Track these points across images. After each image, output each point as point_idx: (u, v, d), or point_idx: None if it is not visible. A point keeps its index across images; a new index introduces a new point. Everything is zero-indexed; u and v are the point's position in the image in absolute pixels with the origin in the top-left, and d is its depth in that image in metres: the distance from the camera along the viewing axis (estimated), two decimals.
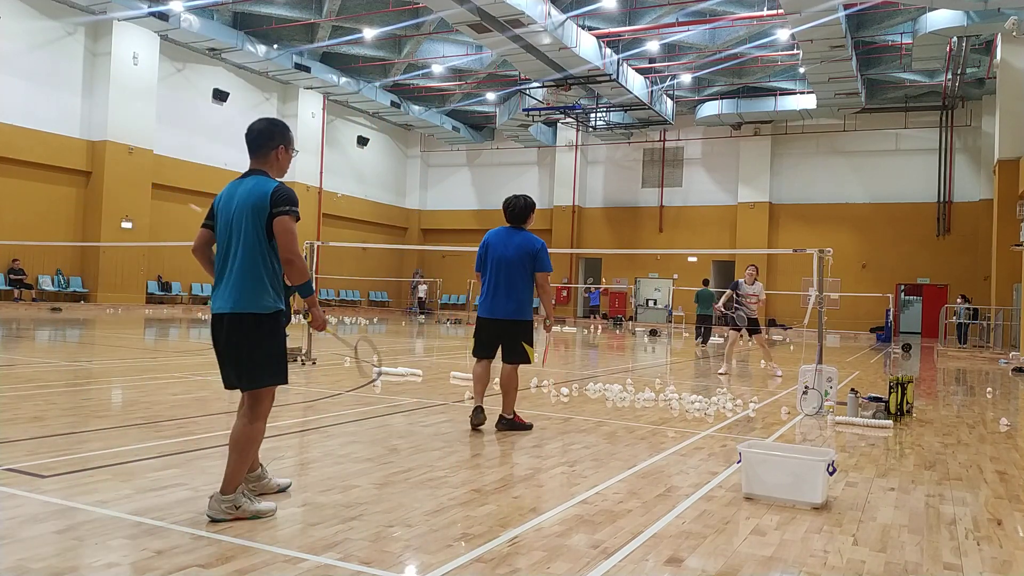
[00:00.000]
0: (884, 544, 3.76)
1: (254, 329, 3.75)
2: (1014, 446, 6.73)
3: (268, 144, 3.92)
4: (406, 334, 21.24)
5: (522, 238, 6.33)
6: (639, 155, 38.92)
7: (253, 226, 3.73)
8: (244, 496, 3.73)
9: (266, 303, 3.76)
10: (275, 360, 3.82)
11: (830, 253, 8.42)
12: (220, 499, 3.69)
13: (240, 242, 3.76)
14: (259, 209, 3.72)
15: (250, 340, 3.76)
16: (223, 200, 3.88)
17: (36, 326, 17.28)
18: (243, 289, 3.74)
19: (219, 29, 28.46)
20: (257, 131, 3.94)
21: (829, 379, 8.23)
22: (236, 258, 3.76)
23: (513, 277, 6.24)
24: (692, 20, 27.01)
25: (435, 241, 41.97)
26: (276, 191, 3.74)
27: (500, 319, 6.31)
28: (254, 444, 3.85)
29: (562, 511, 4.09)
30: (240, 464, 3.76)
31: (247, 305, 3.73)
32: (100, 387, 8.35)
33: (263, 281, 3.76)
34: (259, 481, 4.11)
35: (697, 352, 18.42)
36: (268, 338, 3.79)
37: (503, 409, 6.41)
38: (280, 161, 3.97)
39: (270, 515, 3.75)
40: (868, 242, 33.89)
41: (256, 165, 3.94)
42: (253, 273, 3.74)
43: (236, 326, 3.75)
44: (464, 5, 22.36)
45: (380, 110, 38.26)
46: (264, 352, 3.78)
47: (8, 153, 24.50)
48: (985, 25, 22.44)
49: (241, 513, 3.69)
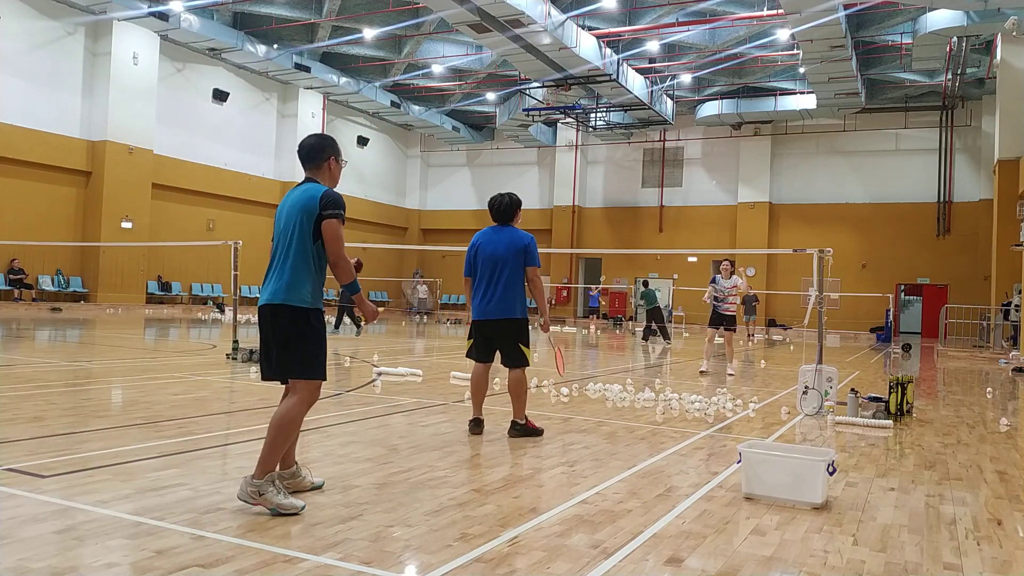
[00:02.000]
0: (884, 544, 3.76)
1: (292, 322, 3.97)
2: (1014, 446, 6.73)
3: (320, 157, 4.22)
4: (406, 334, 21.24)
5: (510, 234, 6.22)
6: (639, 155, 38.92)
7: (302, 226, 3.99)
8: (273, 486, 3.79)
9: (304, 298, 3.98)
10: (310, 354, 4.00)
11: (830, 253, 8.42)
12: (249, 481, 3.80)
13: (291, 240, 4.02)
14: (309, 211, 3.99)
15: (287, 332, 3.97)
16: (281, 206, 4.20)
17: (36, 326, 17.28)
18: (285, 283, 3.98)
19: (219, 29, 28.47)
20: (309, 146, 4.25)
21: (829, 379, 8.23)
22: (286, 255, 4.02)
23: (504, 275, 6.12)
24: (692, 20, 27.01)
25: (435, 241, 41.98)
26: (325, 195, 4.01)
27: (494, 319, 6.18)
28: (286, 432, 3.93)
29: (562, 511, 4.09)
30: (271, 448, 3.88)
31: (286, 298, 3.96)
32: (100, 387, 8.35)
33: (304, 278, 3.99)
34: (293, 479, 4.20)
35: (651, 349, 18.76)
36: (305, 332, 3.98)
37: (514, 414, 6.23)
38: (332, 171, 4.27)
39: (293, 512, 3.78)
40: (868, 242, 33.89)
41: (310, 175, 4.23)
42: (296, 269, 3.99)
43: (276, 317, 3.99)
44: (464, 5, 22.36)
45: (380, 110, 38.27)
46: (300, 345, 3.97)
47: (8, 153, 24.51)
48: (985, 25, 22.44)
49: (264, 501, 3.75)
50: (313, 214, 3.97)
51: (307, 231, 3.98)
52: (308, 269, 4.00)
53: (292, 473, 4.21)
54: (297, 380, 4.00)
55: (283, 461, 4.18)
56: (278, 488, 3.82)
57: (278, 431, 3.92)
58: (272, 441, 3.90)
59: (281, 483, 3.98)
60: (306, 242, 3.99)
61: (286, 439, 3.95)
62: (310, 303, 4.00)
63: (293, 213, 4.03)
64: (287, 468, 4.20)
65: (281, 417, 3.95)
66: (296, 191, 4.15)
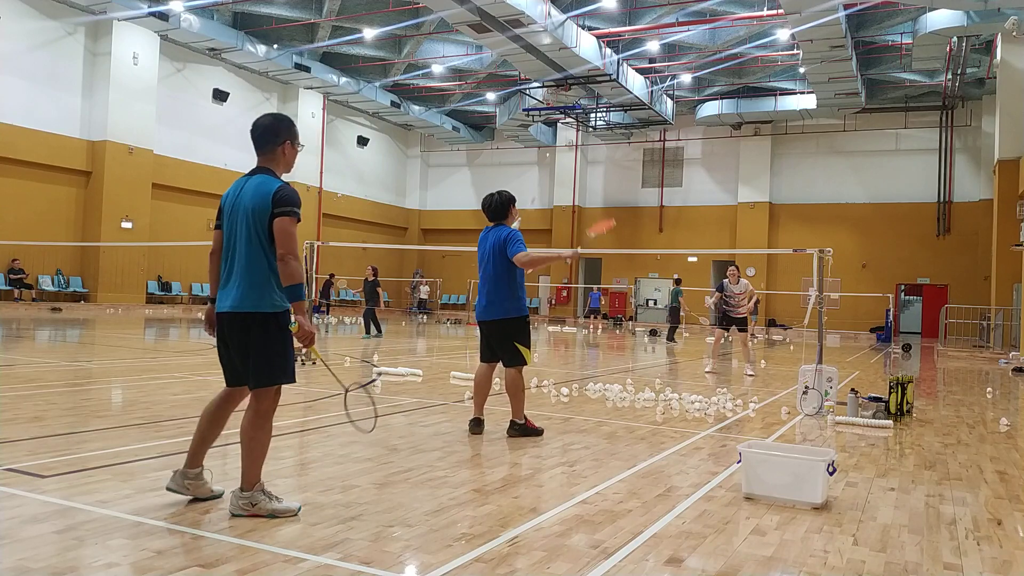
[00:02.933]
0: (884, 544, 3.76)
1: (262, 328, 3.78)
2: (1014, 446, 6.73)
3: (274, 140, 3.92)
4: (406, 334, 21.24)
5: (496, 232, 6.18)
6: (639, 155, 38.92)
7: (255, 226, 3.75)
8: (263, 494, 3.74)
9: (274, 302, 3.79)
10: (284, 358, 3.84)
11: (830, 253, 8.42)
12: (239, 495, 3.74)
13: (244, 241, 3.78)
14: (261, 210, 3.74)
15: (258, 339, 3.78)
16: (229, 197, 3.91)
17: (36, 326, 17.28)
18: (249, 288, 3.76)
19: (219, 29, 28.47)
20: (263, 127, 3.93)
21: (829, 379, 8.23)
22: (240, 257, 3.78)
23: (493, 274, 6.09)
24: (692, 20, 27.01)
25: (435, 241, 41.98)
26: (278, 191, 3.74)
27: (489, 320, 6.17)
28: (261, 439, 3.82)
29: (562, 511, 4.09)
30: (251, 458, 3.78)
31: (254, 304, 3.76)
32: (100, 387, 8.35)
33: (269, 280, 3.78)
34: (196, 480, 3.96)
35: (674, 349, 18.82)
36: (275, 337, 3.80)
37: (513, 414, 6.21)
38: (287, 156, 3.97)
39: (290, 515, 3.74)
40: (868, 242, 33.89)
41: (263, 162, 3.94)
42: (258, 272, 3.77)
43: (243, 325, 3.78)
44: (464, 5, 22.36)
45: (380, 110, 38.27)
46: (271, 351, 3.80)
47: (8, 153, 24.50)
48: (985, 25, 22.44)
49: (258, 511, 3.70)
50: (265, 214, 3.72)
51: (263, 233, 3.74)
52: (269, 271, 3.77)
53: (197, 474, 3.97)
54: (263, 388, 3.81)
55: (192, 458, 3.95)
56: (269, 495, 3.76)
57: (253, 442, 3.77)
58: (249, 453, 3.77)
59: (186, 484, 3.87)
60: (262, 243, 3.75)
61: (262, 445, 3.82)
62: (277, 307, 3.79)
63: (244, 214, 3.77)
64: (193, 467, 3.94)
65: (251, 427, 3.78)
66: (247, 185, 3.83)
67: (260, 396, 3.83)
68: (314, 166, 35.94)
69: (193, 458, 3.97)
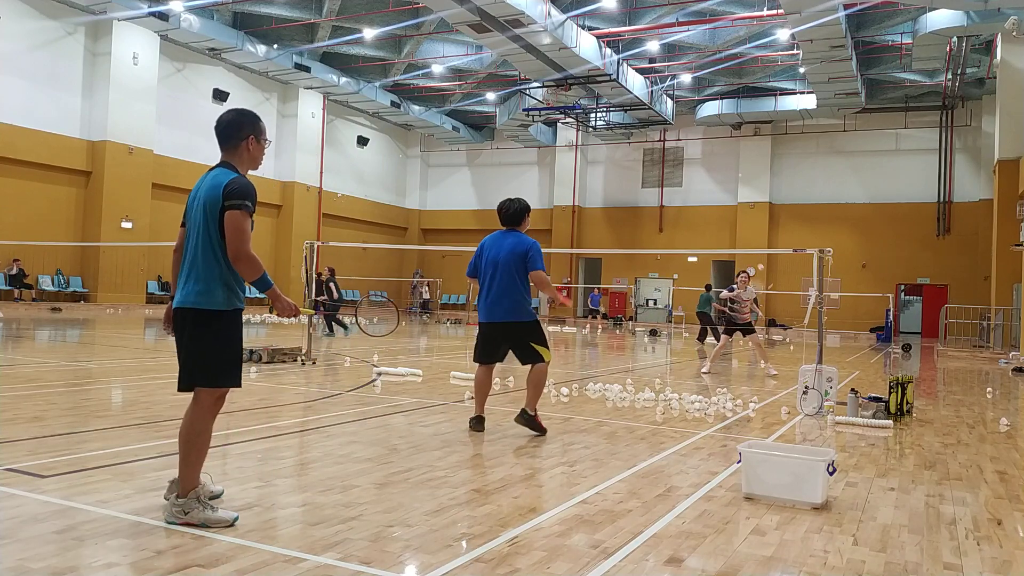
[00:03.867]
0: (884, 544, 3.76)
1: (202, 326, 3.63)
2: (1014, 446, 6.73)
3: (236, 135, 3.80)
4: (407, 334, 21.24)
5: (513, 239, 6.29)
6: (639, 155, 38.93)
7: (206, 220, 3.62)
8: (198, 502, 3.57)
9: (216, 299, 3.64)
10: (220, 361, 3.68)
11: (830, 253, 8.42)
12: (173, 502, 3.58)
13: (197, 236, 3.67)
14: (212, 203, 3.60)
15: (196, 337, 3.64)
16: (191, 194, 3.81)
17: (36, 326, 17.28)
18: (195, 284, 3.63)
19: (219, 29, 28.47)
20: (226, 122, 3.82)
21: (829, 379, 8.23)
22: (194, 252, 3.67)
23: (505, 278, 6.18)
24: (692, 20, 27.02)
25: (435, 241, 42.00)
26: (229, 184, 3.61)
27: (498, 322, 6.26)
28: (197, 444, 3.65)
29: (562, 511, 4.09)
30: (187, 463, 3.62)
31: (197, 301, 3.62)
32: (100, 387, 8.35)
33: (216, 278, 3.64)
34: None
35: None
36: (215, 337, 3.65)
37: (526, 403, 6.30)
38: (251, 152, 3.84)
39: (223, 526, 3.53)
40: (868, 242, 33.90)
41: (226, 158, 3.82)
42: (206, 268, 3.63)
43: (186, 321, 3.66)
44: (464, 5, 22.37)
45: (380, 110, 38.27)
46: (208, 350, 3.65)
47: (8, 153, 24.50)
48: (985, 25, 22.45)
49: (190, 519, 3.53)
50: (217, 206, 3.57)
51: (212, 226, 3.59)
52: (219, 267, 3.62)
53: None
54: (203, 388, 3.67)
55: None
56: (203, 503, 3.58)
57: (188, 445, 3.62)
58: (186, 456, 3.62)
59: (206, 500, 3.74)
60: (212, 238, 3.60)
61: (200, 451, 3.66)
62: (224, 305, 3.65)
63: (199, 208, 3.64)
64: None
65: (189, 429, 3.64)
66: (205, 179, 3.73)
67: (199, 396, 3.68)
68: (314, 166, 35.94)
69: None
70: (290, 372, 10.17)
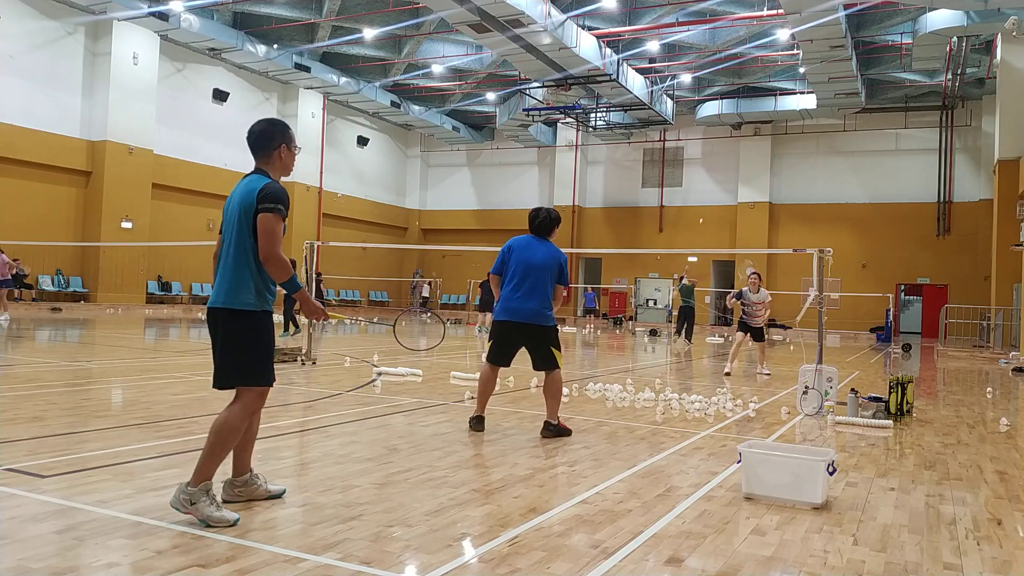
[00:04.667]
0: (884, 544, 3.76)
1: (230, 325, 3.76)
2: (1014, 446, 6.73)
3: (269, 145, 3.95)
4: (407, 334, 21.23)
5: (549, 248, 6.48)
6: (639, 155, 38.93)
7: (240, 224, 3.76)
8: (207, 496, 3.60)
9: (245, 300, 3.75)
10: (248, 360, 3.78)
11: (830, 253, 8.42)
12: (183, 488, 3.63)
13: (231, 239, 3.81)
14: (246, 207, 3.75)
15: (225, 336, 3.77)
16: (227, 201, 3.95)
17: (36, 326, 17.28)
18: (226, 285, 3.76)
19: (219, 29, 28.47)
20: (258, 133, 3.96)
21: (829, 379, 8.23)
22: (227, 254, 3.81)
23: (538, 281, 6.32)
24: (692, 20, 27.02)
25: (435, 241, 41.99)
26: (263, 188, 3.75)
27: (524, 322, 6.31)
28: (225, 439, 3.72)
29: (562, 511, 4.09)
30: (209, 456, 3.67)
31: (226, 301, 3.75)
32: (100, 387, 8.35)
33: (246, 279, 3.76)
34: (246, 487, 4.00)
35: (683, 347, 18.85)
36: (242, 336, 3.76)
37: (548, 415, 6.35)
38: (283, 160, 4.00)
39: (224, 526, 3.55)
40: (868, 242, 33.90)
41: (259, 165, 3.97)
42: (237, 270, 3.76)
43: (216, 321, 3.79)
44: (464, 5, 22.37)
45: (380, 110, 38.28)
46: (236, 349, 3.77)
47: (8, 153, 24.51)
48: (985, 25, 22.45)
49: (194, 511, 3.56)
50: (251, 210, 3.72)
51: (245, 228, 3.74)
52: (249, 269, 3.75)
53: (245, 481, 4.00)
54: (243, 387, 3.79)
55: (236, 467, 3.99)
56: (211, 499, 3.61)
57: (216, 438, 3.70)
58: (211, 449, 3.68)
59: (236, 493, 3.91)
60: (245, 240, 3.74)
61: (224, 447, 3.72)
62: (254, 305, 3.77)
63: (234, 212, 3.80)
64: (240, 475, 4.00)
65: (221, 424, 3.72)
66: (239, 185, 3.88)
67: (241, 395, 3.80)
68: (314, 166, 35.94)
69: (236, 465, 4.00)
70: (290, 372, 10.16)
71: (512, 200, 40.46)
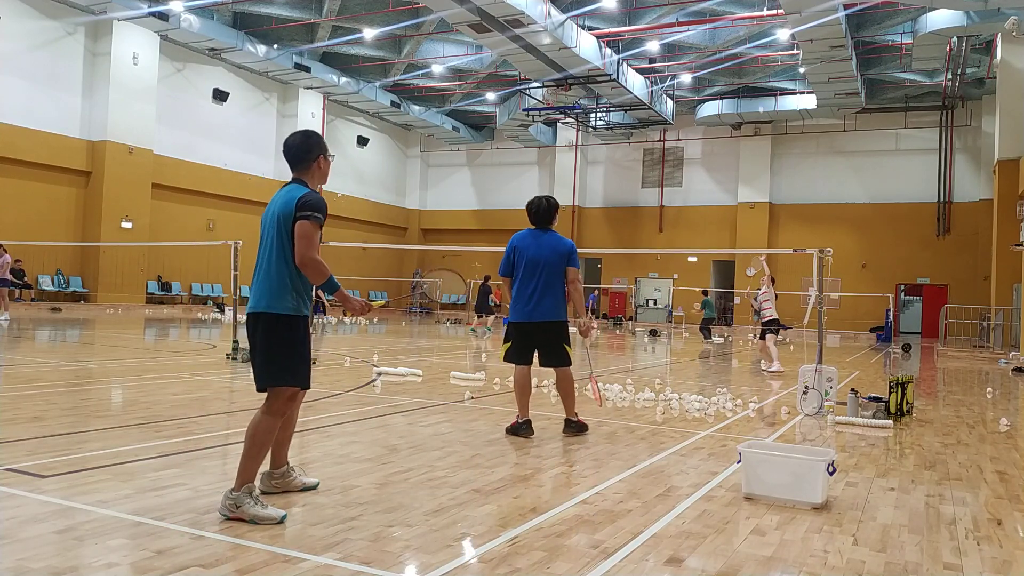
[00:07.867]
0: (884, 544, 3.76)
1: (271, 329, 3.87)
2: (1014, 446, 6.73)
3: (307, 157, 4.08)
4: (406, 334, 21.24)
5: (552, 238, 6.35)
6: (639, 155, 38.94)
7: (279, 231, 3.89)
8: (250, 497, 3.72)
9: (286, 304, 3.88)
10: (285, 362, 3.89)
11: (830, 253, 8.42)
12: (227, 495, 3.74)
13: (269, 245, 3.93)
14: (285, 215, 3.88)
15: (265, 339, 3.88)
16: (266, 210, 4.08)
17: (36, 326, 17.28)
18: (266, 289, 3.89)
19: (219, 29, 28.47)
20: (296, 147, 4.09)
21: (829, 379, 8.23)
22: (268, 260, 3.93)
23: (547, 278, 6.23)
24: (692, 20, 27.02)
25: (435, 241, 41.99)
26: (303, 197, 3.88)
27: (540, 321, 6.24)
28: (260, 441, 3.83)
29: (562, 511, 4.09)
30: (246, 459, 3.79)
31: (267, 305, 3.87)
32: (100, 387, 8.35)
33: (286, 283, 3.88)
34: (283, 479, 4.19)
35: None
36: (282, 339, 3.88)
37: (567, 412, 6.39)
38: (322, 169, 4.14)
39: (272, 522, 3.66)
40: (868, 242, 33.91)
41: (297, 175, 4.09)
42: (277, 275, 3.89)
43: (256, 324, 3.91)
44: (464, 5, 22.37)
45: (380, 110, 38.27)
46: (274, 352, 3.88)
47: (8, 153, 24.51)
48: (985, 25, 22.45)
49: (241, 514, 3.67)
50: (290, 217, 3.86)
51: (285, 236, 3.87)
52: (289, 274, 3.88)
53: (283, 473, 4.18)
54: (274, 388, 3.90)
55: (274, 460, 4.16)
56: (255, 500, 3.72)
57: (252, 442, 3.82)
58: (248, 452, 3.80)
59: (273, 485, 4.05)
60: (285, 247, 3.87)
61: (261, 450, 3.84)
62: (293, 310, 3.89)
63: (272, 219, 3.93)
64: (277, 467, 4.18)
65: (256, 426, 3.84)
66: (279, 194, 4.04)
67: (270, 397, 3.89)
68: None
69: (273, 458, 4.14)
70: None
71: (512, 200, 40.44)
